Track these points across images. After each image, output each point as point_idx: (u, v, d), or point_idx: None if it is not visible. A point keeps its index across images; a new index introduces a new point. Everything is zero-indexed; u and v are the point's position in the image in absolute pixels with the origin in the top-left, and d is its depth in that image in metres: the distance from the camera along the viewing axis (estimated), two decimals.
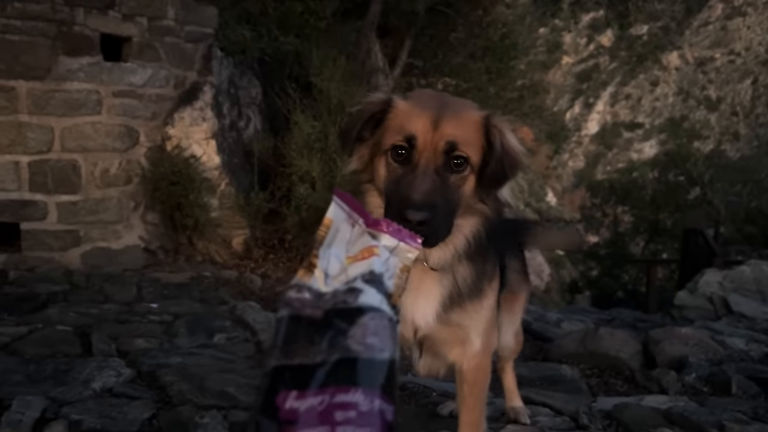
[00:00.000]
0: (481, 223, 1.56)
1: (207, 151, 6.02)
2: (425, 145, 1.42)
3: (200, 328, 4.28)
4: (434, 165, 1.42)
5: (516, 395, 2.62)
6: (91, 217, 5.76)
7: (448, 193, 1.42)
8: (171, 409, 2.70)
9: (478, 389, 1.78)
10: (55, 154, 5.58)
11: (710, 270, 6.09)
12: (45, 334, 3.82)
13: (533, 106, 15.77)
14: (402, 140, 1.44)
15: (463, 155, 1.45)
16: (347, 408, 0.62)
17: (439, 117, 1.44)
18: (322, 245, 0.86)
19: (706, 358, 3.90)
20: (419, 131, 1.43)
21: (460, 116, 1.49)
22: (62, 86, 5.53)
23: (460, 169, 1.46)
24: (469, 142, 1.46)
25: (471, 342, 1.70)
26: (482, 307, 1.67)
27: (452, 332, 1.67)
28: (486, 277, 1.66)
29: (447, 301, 1.60)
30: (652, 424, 2.57)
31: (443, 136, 1.42)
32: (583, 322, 6.38)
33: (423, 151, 1.42)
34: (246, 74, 6.99)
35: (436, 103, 1.50)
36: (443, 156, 1.43)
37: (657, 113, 67.33)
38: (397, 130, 1.46)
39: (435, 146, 1.42)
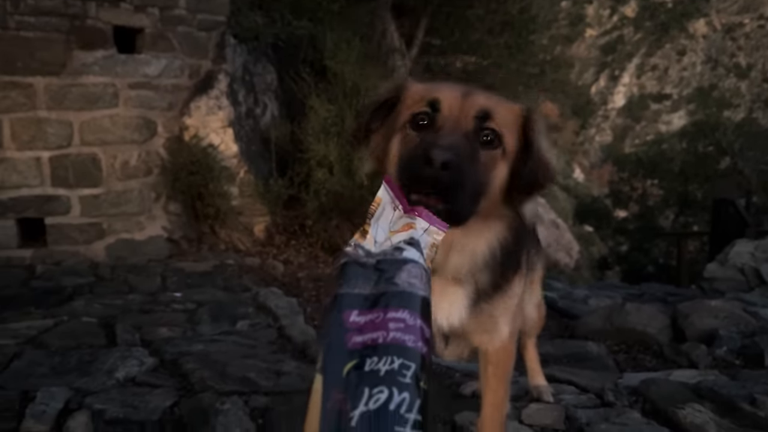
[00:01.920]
0: (506, 230, 1.39)
1: (224, 140, 6.02)
2: (452, 109, 1.23)
3: (223, 315, 4.30)
4: (463, 129, 1.20)
5: (539, 373, 2.57)
6: (113, 210, 5.81)
7: (475, 166, 1.19)
8: (192, 397, 2.71)
9: (503, 370, 1.73)
10: (74, 148, 5.62)
11: (741, 240, 5.92)
12: (70, 326, 3.87)
13: (556, 80, 15.51)
14: (424, 106, 1.25)
15: (497, 129, 1.24)
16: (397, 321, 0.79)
17: (468, 91, 1.27)
18: (373, 217, 1.02)
19: (737, 331, 3.79)
20: (445, 96, 1.24)
21: (494, 98, 1.30)
22: (78, 80, 5.56)
23: (492, 145, 1.24)
24: (505, 122, 1.26)
25: (498, 329, 1.63)
26: (509, 296, 1.57)
27: (479, 322, 1.58)
28: (512, 269, 1.52)
29: (472, 300, 1.50)
30: (680, 400, 2.50)
31: (474, 104, 1.24)
32: (611, 298, 6.27)
33: (450, 115, 1.22)
34: (260, 61, 6.96)
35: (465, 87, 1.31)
36: (474, 121, 1.22)
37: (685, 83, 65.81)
38: (417, 101, 1.27)
39: (465, 111, 1.22)
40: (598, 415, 2.42)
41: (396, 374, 0.73)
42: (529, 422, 2.35)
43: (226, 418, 2.39)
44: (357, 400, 0.71)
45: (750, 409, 2.42)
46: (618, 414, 2.43)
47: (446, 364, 3.21)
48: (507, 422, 1.93)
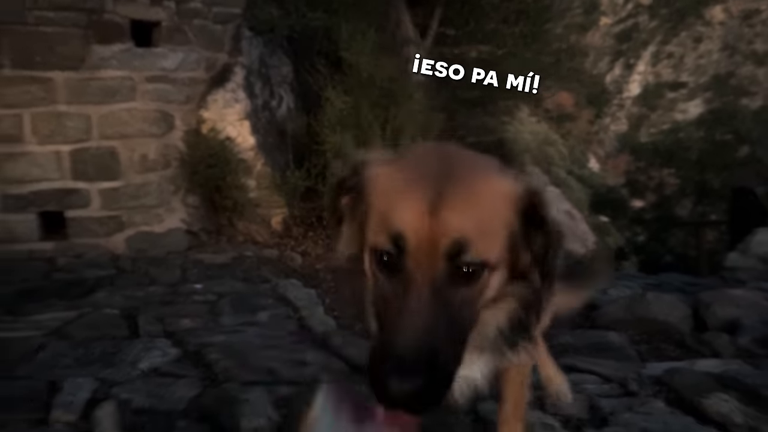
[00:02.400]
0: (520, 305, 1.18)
1: (241, 132, 6.05)
2: (419, 247, 0.98)
3: (244, 306, 4.33)
4: (432, 279, 0.98)
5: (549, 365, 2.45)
6: (132, 203, 5.86)
7: (454, 316, 1.00)
8: (217, 387, 2.73)
9: (523, 376, 1.70)
10: (94, 141, 5.67)
11: (762, 229, 5.84)
12: (93, 318, 3.92)
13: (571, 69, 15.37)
14: (386, 242, 1.01)
15: (476, 259, 1.01)
16: None
17: (440, 198, 0.99)
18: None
19: (760, 320, 3.74)
20: (409, 227, 0.99)
21: (475, 194, 1.03)
22: (97, 74, 5.60)
23: (473, 278, 1.02)
24: (488, 233, 1.02)
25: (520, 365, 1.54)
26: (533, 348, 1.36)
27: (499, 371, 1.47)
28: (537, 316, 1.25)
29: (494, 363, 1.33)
30: (704, 389, 2.48)
31: (446, 232, 0.98)
32: (631, 288, 6.22)
33: (416, 259, 0.99)
34: (276, 53, 6.97)
35: (436, 172, 1.04)
36: (446, 262, 0.99)
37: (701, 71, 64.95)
38: (381, 219, 1.04)
39: (433, 248, 0.98)
40: (621, 404, 2.42)
41: None
42: (553, 411, 2.35)
43: (251, 408, 2.42)
44: None
45: None
46: (642, 403, 2.43)
47: None
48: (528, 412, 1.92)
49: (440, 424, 2.23)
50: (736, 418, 2.25)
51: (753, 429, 2.20)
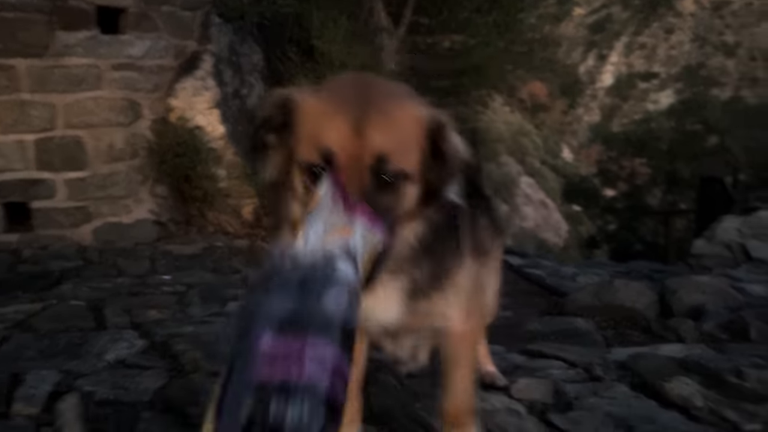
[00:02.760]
0: (425, 225, 1.32)
1: (211, 121, 5.97)
2: (347, 161, 1.11)
3: (213, 297, 4.29)
4: (359, 188, 1.11)
5: (488, 360, 2.49)
6: (99, 193, 5.76)
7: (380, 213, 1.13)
8: (183, 378, 2.70)
9: (469, 353, 1.68)
10: (59, 131, 5.55)
11: (728, 217, 5.96)
12: (58, 310, 3.85)
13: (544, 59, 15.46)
14: (318, 158, 1.13)
15: (398, 170, 1.16)
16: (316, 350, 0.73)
17: (363, 119, 1.13)
18: (309, 217, 0.97)
19: (724, 306, 3.83)
20: (337, 144, 1.12)
21: (393, 116, 1.17)
22: (61, 62, 5.47)
23: (394, 187, 1.17)
24: (404, 149, 1.17)
25: (448, 318, 1.55)
26: (451, 291, 1.47)
27: (423, 320, 1.51)
28: (452, 260, 1.44)
29: (408, 295, 1.42)
30: (667, 373, 2.52)
31: (370, 149, 1.12)
32: (599, 275, 6.31)
33: (345, 172, 1.11)
34: (246, 40, 6.87)
35: (358, 98, 1.17)
36: (371, 175, 1.13)
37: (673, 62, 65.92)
38: (310, 140, 1.16)
39: (359, 162, 1.12)
40: (586, 389, 2.44)
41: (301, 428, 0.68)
42: (519, 396, 2.37)
43: None
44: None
45: (736, 381, 2.45)
46: (606, 388, 2.46)
47: None
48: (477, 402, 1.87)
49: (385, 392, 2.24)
50: (697, 402, 2.28)
51: (713, 411, 2.24)
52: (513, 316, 4.23)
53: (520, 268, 5.62)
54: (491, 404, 2.30)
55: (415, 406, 2.29)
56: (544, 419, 2.22)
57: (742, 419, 2.17)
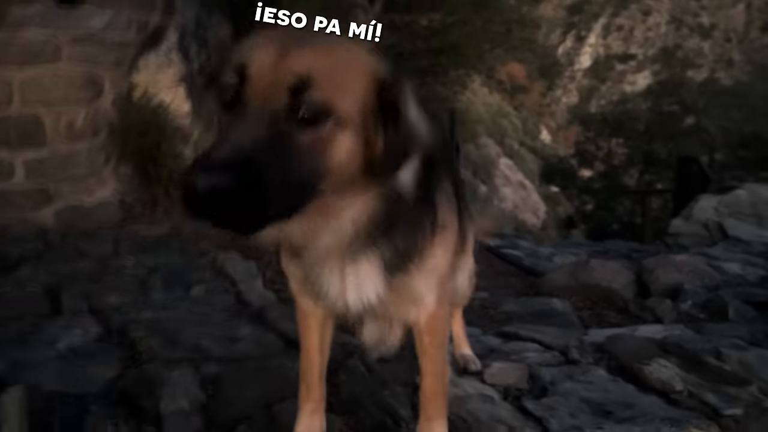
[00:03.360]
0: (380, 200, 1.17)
1: (176, 98, 5.73)
2: (260, 77, 0.99)
3: (177, 281, 4.12)
4: (269, 108, 0.97)
5: (465, 343, 2.43)
6: (60, 174, 5.50)
7: (289, 152, 0.97)
8: (138, 367, 2.55)
9: (439, 339, 1.63)
10: (15, 108, 5.25)
11: (705, 196, 5.93)
12: (13, 296, 3.65)
13: (522, 39, 15.34)
14: (231, 74, 1.01)
15: (319, 101, 0.98)
16: None
17: (291, 46, 1.01)
18: None
19: (701, 285, 3.77)
20: (254, 60, 1.00)
21: (333, 52, 1.05)
22: (16, 35, 5.17)
23: (316, 122, 0.99)
24: (337, 85, 1.01)
25: (422, 301, 1.49)
26: (427, 266, 1.39)
27: (398, 296, 1.43)
28: (424, 236, 1.35)
29: (387, 269, 1.33)
30: (646, 355, 2.43)
31: (289, 68, 0.98)
32: (577, 255, 6.26)
33: (256, 87, 0.99)
34: (213, 14, 6.61)
35: (299, 35, 1.09)
36: (287, 96, 0.98)
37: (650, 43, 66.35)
38: (235, 62, 1.04)
39: (276, 81, 0.98)
40: (562, 373, 2.34)
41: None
42: (492, 382, 2.26)
43: (172, 389, 2.24)
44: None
45: (715, 363, 2.37)
46: (583, 372, 2.36)
47: None
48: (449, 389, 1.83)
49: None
50: (676, 385, 2.20)
51: (693, 395, 2.16)
52: (489, 297, 4.14)
53: (496, 249, 5.52)
54: (464, 390, 2.19)
55: (383, 393, 2.17)
56: (518, 405, 2.12)
57: (723, 403, 2.08)
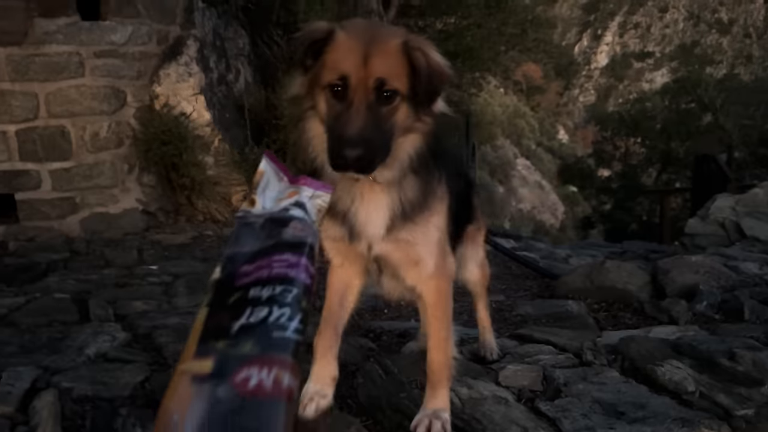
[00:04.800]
0: (421, 140, 1.70)
1: (196, 108, 5.85)
2: (357, 83, 1.54)
3: (200, 287, 4.21)
4: (366, 101, 1.54)
5: (488, 330, 2.66)
6: (85, 183, 5.67)
7: (381, 125, 1.56)
8: (165, 371, 2.64)
9: (440, 311, 1.92)
10: (41, 120, 5.45)
11: (722, 195, 5.89)
12: (42, 303, 3.78)
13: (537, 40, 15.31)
14: (337, 79, 1.56)
15: (392, 88, 1.57)
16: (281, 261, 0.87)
17: (368, 53, 1.55)
18: (258, 188, 1.09)
19: (717, 285, 3.77)
20: (351, 71, 1.55)
21: (388, 50, 1.59)
22: (41, 50, 5.35)
23: (391, 100, 1.58)
24: (396, 73, 1.57)
25: (423, 261, 1.84)
26: (430, 222, 1.80)
27: (403, 251, 1.81)
28: (432, 193, 1.79)
29: (396, 214, 1.75)
30: (659, 357, 2.47)
31: (373, 74, 1.54)
32: (594, 256, 6.26)
33: (356, 90, 1.54)
34: (231, 24, 6.74)
35: (366, 36, 1.60)
36: (374, 92, 1.55)
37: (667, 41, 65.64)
38: (333, 67, 1.58)
39: (366, 84, 1.54)
40: (576, 374, 2.39)
41: (277, 297, 0.82)
42: (506, 384, 2.31)
43: None
44: (238, 317, 0.78)
45: (729, 364, 2.40)
46: (596, 373, 2.40)
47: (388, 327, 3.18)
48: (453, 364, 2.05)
49: None
50: (688, 386, 2.23)
51: (705, 396, 2.19)
52: (505, 300, 4.18)
53: (512, 251, 5.56)
54: (479, 392, 2.25)
55: (400, 396, 2.24)
56: (531, 407, 2.16)
57: (735, 404, 2.12)
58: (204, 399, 0.71)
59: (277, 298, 0.82)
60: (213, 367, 0.74)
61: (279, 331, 0.77)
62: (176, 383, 0.74)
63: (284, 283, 0.85)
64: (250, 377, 0.72)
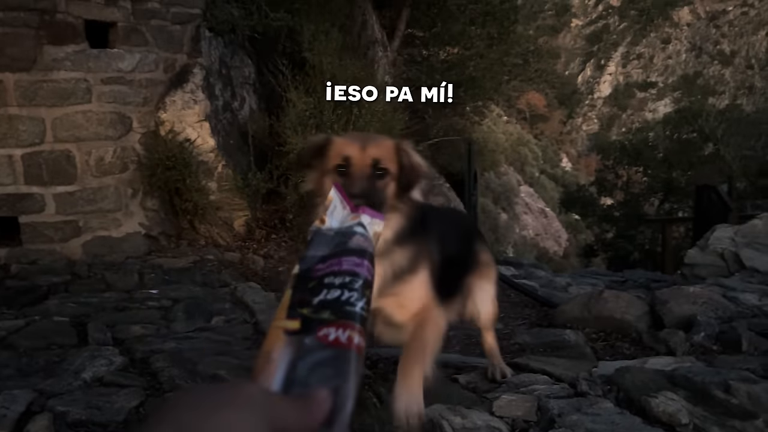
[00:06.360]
0: (403, 218, 2.01)
1: (201, 134, 5.92)
2: (358, 162, 1.87)
3: (199, 311, 4.24)
4: (365, 173, 1.86)
5: (497, 355, 2.85)
6: (89, 207, 5.71)
7: (377, 191, 1.87)
8: (159, 396, 2.65)
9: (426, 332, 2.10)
10: (48, 145, 5.52)
11: (721, 226, 5.90)
12: (41, 326, 3.79)
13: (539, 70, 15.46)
14: (341, 161, 1.88)
15: (384, 167, 1.90)
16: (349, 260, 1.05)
17: (366, 144, 1.91)
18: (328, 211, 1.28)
19: (715, 316, 3.77)
20: (353, 153, 1.88)
21: (381, 144, 1.94)
22: (49, 76, 5.45)
23: (383, 176, 1.91)
24: (387, 159, 1.92)
25: (410, 303, 2.12)
26: (416, 280, 2.11)
27: (394, 300, 2.09)
28: (417, 258, 2.10)
29: (388, 278, 2.04)
30: (654, 388, 2.47)
31: (369, 156, 1.89)
32: (594, 285, 6.26)
33: (357, 166, 1.87)
34: (237, 53, 6.85)
35: (363, 137, 2.01)
36: (371, 168, 1.87)
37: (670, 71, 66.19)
38: (337, 155, 1.90)
39: (364, 162, 1.87)
40: (570, 405, 2.39)
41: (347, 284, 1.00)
42: (500, 414, 2.32)
43: None
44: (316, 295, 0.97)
45: (723, 396, 2.40)
46: (591, 404, 2.40)
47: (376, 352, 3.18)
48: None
49: None
50: (682, 418, 2.23)
51: (699, 428, 2.19)
52: (503, 328, 4.18)
53: (511, 279, 5.56)
54: (472, 422, 2.25)
55: (393, 425, 2.24)
56: None
57: None
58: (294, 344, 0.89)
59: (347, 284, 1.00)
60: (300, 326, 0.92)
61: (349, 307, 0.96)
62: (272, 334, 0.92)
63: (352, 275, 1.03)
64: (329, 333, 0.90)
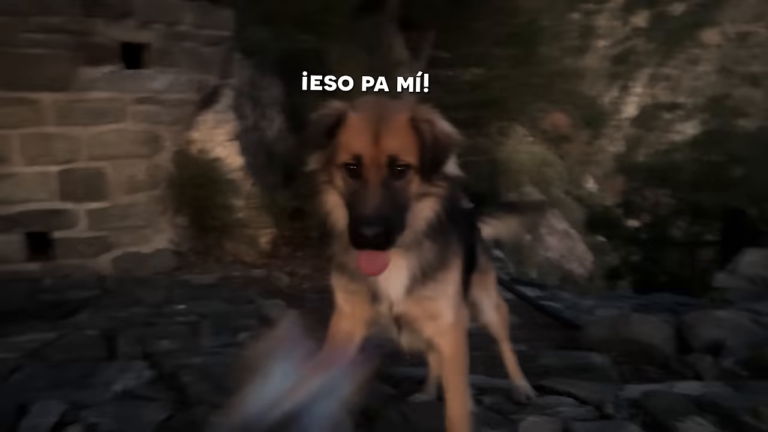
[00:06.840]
0: (437, 204, 1.75)
1: (230, 153, 6.05)
2: (371, 162, 1.61)
3: (225, 327, 4.30)
4: (380, 178, 1.61)
5: (518, 374, 2.76)
6: (120, 223, 5.85)
7: (396, 199, 1.62)
8: (187, 410, 2.69)
9: (457, 365, 1.95)
10: (82, 162, 5.68)
11: (750, 250, 5.82)
12: (72, 339, 3.88)
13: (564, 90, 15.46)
14: (351, 159, 1.63)
15: (404, 163, 1.63)
16: None
17: (378, 131, 1.62)
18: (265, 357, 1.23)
19: (745, 341, 3.71)
20: (364, 151, 1.62)
21: (396, 125, 1.65)
22: (85, 96, 5.62)
23: (403, 175, 1.64)
24: (406, 148, 1.64)
25: (442, 314, 1.90)
26: (448, 278, 1.88)
27: (423, 307, 1.87)
28: (449, 252, 1.86)
29: (416, 275, 1.81)
30: (681, 412, 2.44)
31: (384, 151, 1.61)
32: (620, 308, 6.18)
33: (369, 168, 1.61)
34: (266, 75, 7.00)
35: (375, 114, 1.67)
36: (387, 168, 1.62)
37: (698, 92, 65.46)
38: (347, 148, 1.64)
39: (378, 161, 1.61)
40: (595, 427, 2.38)
41: None
42: None
43: None
44: None
45: (753, 422, 2.37)
46: (617, 427, 2.39)
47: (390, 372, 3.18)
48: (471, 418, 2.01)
49: None
50: None
51: None
52: (528, 350, 4.15)
53: (535, 301, 5.54)
54: None
55: None
56: None
57: None
58: None
59: None
60: None
61: None
62: None
63: None
64: None
